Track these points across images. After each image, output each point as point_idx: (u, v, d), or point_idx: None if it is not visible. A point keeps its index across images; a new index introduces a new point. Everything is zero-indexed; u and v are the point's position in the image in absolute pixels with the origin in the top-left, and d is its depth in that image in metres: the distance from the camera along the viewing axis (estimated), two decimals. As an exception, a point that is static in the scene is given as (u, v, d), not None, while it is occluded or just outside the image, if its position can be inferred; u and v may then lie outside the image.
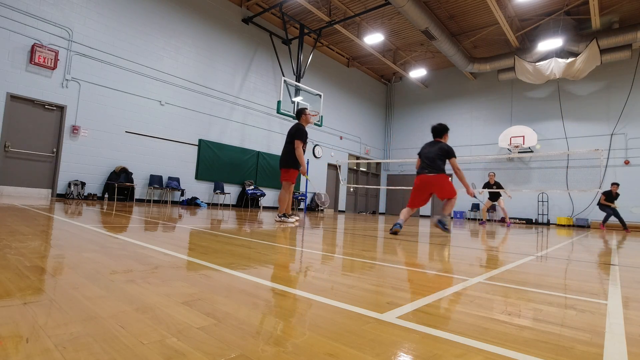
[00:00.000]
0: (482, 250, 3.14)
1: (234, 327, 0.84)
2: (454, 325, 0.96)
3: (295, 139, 5.19)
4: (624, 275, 2.08)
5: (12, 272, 1.21)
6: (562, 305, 1.27)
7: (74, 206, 5.55)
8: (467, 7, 11.92)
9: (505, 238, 4.91)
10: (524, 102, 14.99)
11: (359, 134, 17.32)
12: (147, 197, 9.76)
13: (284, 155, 5.27)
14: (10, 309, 0.85)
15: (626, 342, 0.91)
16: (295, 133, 5.22)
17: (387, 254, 2.44)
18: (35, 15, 7.92)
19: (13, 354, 0.63)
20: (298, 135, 5.19)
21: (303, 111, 5.43)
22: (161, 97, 10.08)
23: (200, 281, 1.29)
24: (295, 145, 5.16)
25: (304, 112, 5.42)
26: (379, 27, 13.48)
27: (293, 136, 5.23)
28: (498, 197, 10.05)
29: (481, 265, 2.17)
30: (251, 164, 12.34)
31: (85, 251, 1.72)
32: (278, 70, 13.26)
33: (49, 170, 8.28)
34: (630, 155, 12.59)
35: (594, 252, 3.44)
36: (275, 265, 1.70)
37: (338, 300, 1.15)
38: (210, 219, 4.82)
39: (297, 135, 5.19)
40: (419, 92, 17.97)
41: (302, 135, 5.19)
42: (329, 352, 0.74)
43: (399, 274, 1.71)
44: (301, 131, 5.21)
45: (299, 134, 5.19)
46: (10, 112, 7.68)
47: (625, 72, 12.94)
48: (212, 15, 11.34)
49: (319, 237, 3.35)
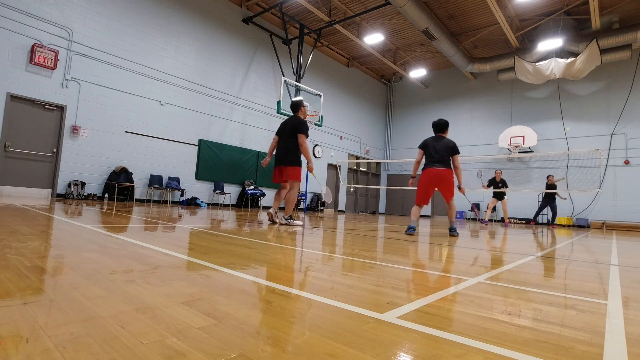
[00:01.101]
0: (482, 250, 3.14)
1: (234, 327, 0.84)
2: (454, 325, 0.96)
3: (299, 132, 4.62)
4: (624, 275, 2.08)
5: (12, 272, 1.21)
6: (562, 305, 1.27)
7: (74, 206, 5.55)
8: (467, 7, 11.92)
9: (505, 238, 4.91)
10: (524, 102, 14.99)
11: (359, 134, 17.32)
12: (147, 197, 9.76)
13: (288, 151, 4.68)
14: (10, 309, 0.85)
15: (626, 342, 0.91)
16: (298, 126, 4.64)
17: (387, 254, 2.44)
18: (35, 15, 7.92)
19: (13, 354, 0.63)
20: (303, 129, 4.63)
21: (301, 103, 4.89)
22: (161, 97, 10.08)
23: (200, 281, 1.29)
24: (300, 141, 4.62)
25: (302, 105, 4.88)
26: (379, 27, 13.48)
27: (296, 130, 4.65)
28: (503, 197, 9.99)
29: (481, 265, 2.17)
30: (251, 164, 12.34)
31: (85, 251, 1.72)
32: (278, 70, 13.26)
33: (49, 170, 8.28)
34: (630, 155, 12.59)
35: (594, 252, 3.44)
36: (276, 265, 1.70)
37: (338, 300, 1.15)
38: (210, 219, 4.82)
39: (302, 129, 4.62)
40: (419, 92, 17.97)
41: (307, 129, 4.69)
42: (329, 352, 0.74)
43: (399, 274, 1.71)
44: (305, 124, 4.67)
45: (304, 127, 4.64)
46: (10, 112, 7.68)
47: (625, 72, 12.94)
48: (212, 15, 11.34)
49: (319, 237, 3.35)
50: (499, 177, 9.90)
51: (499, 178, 9.90)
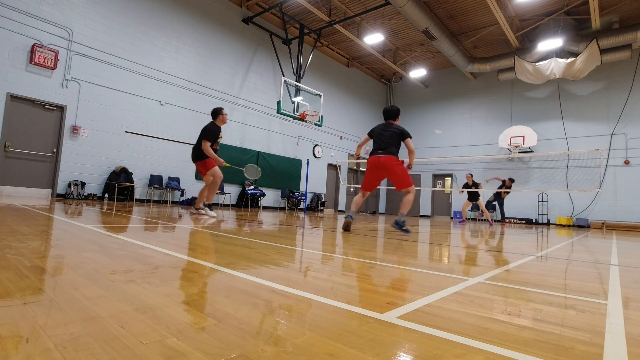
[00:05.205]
0: (482, 250, 3.13)
1: (234, 327, 0.84)
2: (454, 325, 0.96)
3: (202, 138, 5.37)
4: (624, 275, 2.08)
5: (12, 272, 1.21)
6: (562, 305, 1.27)
7: (74, 206, 5.55)
8: (467, 7, 11.92)
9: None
10: (524, 102, 14.99)
11: (359, 134, 17.32)
12: (147, 197, 9.76)
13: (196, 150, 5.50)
14: (10, 309, 0.85)
15: (626, 342, 0.91)
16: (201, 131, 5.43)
17: (387, 254, 2.44)
18: (35, 15, 7.92)
19: (13, 354, 0.63)
20: (202, 135, 5.37)
21: (219, 111, 5.55)
22: (161, 97, 10.08)
23: (200, 281, 1.29)
24: (202, 145, 5.35)
25: (220, 113, 5.55)
26: (379, 27, 13.48)
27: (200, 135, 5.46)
28: (477, 197, 10.53)
29: (481, 265, 2.17)
30: (251, 163, 12.32)
31: (85, 251, 1.72)
32: (278, 70, 13.26)
33: (49, 170, 8.28)
34: (630, 155, 12.59)
35: (594, 252, 3.44)
36: (276, 265, 1.70)
37: (338, 300, 1.15)
38: (210, 219, 4.82)
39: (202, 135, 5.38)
40: (419, 92, 17.98)
41: (208, 134, 5.32)
42: (329, 352, 0.74)
43: (399, 274, 1.71)
44: (208, 130, 5.35)
45: (206, 133, 5.35)
46: (10, 112, 7.68)
47: (625, 72, 12.94)
48: (212, 15, 11.34)
49: (319, 237, 3.35)
50: (470, 180, 10.51)
51: (470, 181, 10.50)
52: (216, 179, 5.50)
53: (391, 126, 4.52)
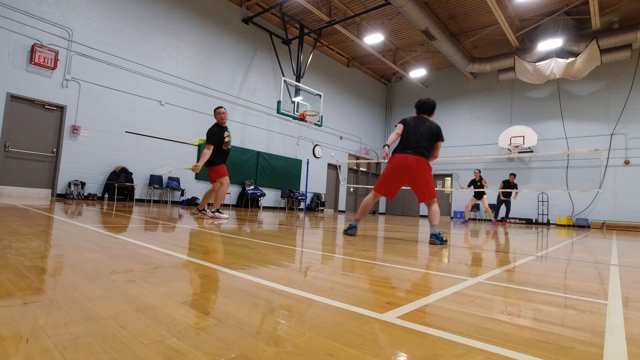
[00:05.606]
0: (482, 250, 3.14)
1: (234, 327, 0.84)
2: (454, 325, 0.96)
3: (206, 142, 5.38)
4: (624, 275, 2.08)
5: (12, 272, 1.21)
6: (562, 305, 1.27)
7: (74, 206, 5.55)
8: (467, 7, 11.92)
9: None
10: (524, 102, 14.99)
11: (358, 134, 17.32)
12: (147, 197, 9.76)
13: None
14: (10, 309, 0.85)
15: (626, 342, 0.91)
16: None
17: (387, 254, 2.44)
18: (35, 15, 7.92)
19: (13, 354, 0.63)
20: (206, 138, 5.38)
21: (215, 110, 5.51)
22: (161, 97, 10.08)
23: (200, 281, 1.29)
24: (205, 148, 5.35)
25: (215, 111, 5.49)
26: (379, 27, 13.48)
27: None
28: (482, 196, 10.10)
29: (481, 265, 2.17)
30: (251, 164, 12.34)
31: (85, 251, 1.72)
32: (278, 70, 13.26)
33: (49, 170, 8.28)
34: (630, 155, 12.59)
35: (594, 252, 3.44)
36: (276, 265, 1.70)
37: (338, 300, 1.15)
38: (211, 219, 4.82)
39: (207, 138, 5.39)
40: (419, 92, 17.97)
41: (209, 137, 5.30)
42: (329, 352, 0.74)
43: (399, 274, 1.71)
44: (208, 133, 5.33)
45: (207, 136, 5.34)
46: (10, 112, 7.68)
47: (625, 72, 12.94)
48: (212, 15, 11.34)
49: (319, 237, 3.35)
50: (477, 175, 10.06)
51: (477, 177, 10.05)
52: (224, 187, 5.46)
53: (427, 121, 3.69)
